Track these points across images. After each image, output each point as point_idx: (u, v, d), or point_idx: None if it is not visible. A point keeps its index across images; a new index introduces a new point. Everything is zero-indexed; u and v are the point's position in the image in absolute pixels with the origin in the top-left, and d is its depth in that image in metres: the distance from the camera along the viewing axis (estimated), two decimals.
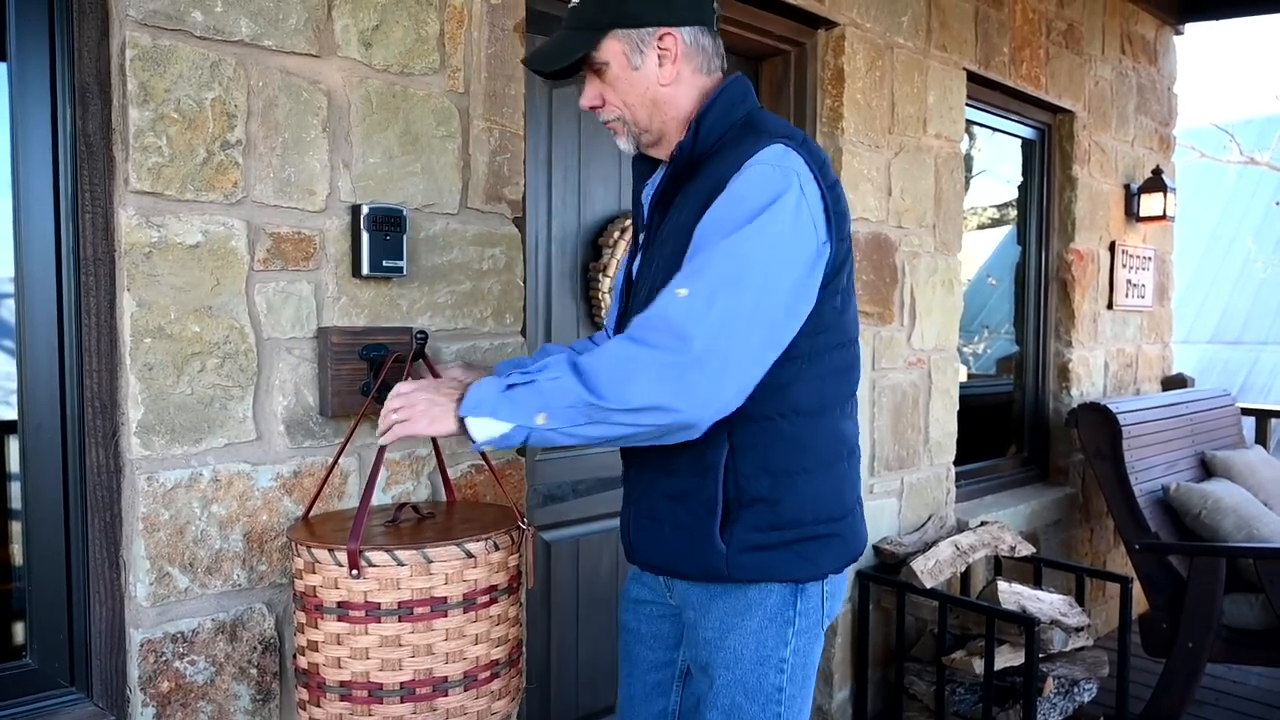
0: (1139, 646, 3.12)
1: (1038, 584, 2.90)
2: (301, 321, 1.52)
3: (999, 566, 2.97)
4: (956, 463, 3.06)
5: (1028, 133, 3.57)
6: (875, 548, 2.70)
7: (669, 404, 1.09)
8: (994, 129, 3.44)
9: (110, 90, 1.35)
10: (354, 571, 1.26)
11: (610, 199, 2.22)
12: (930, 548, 2.66)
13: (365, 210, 1.55)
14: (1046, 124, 3.60)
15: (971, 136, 3.41)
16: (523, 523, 1.41)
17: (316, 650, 1.30)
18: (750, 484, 1.22)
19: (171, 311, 1.38)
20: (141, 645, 1.37)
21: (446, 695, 1.29)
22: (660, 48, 1.25)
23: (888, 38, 2.65)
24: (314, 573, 1.29)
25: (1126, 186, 3.90)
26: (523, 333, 1.83)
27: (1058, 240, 3.67)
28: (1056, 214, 3.66)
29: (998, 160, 3.63)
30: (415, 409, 1.21)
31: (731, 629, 1.26)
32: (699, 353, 1.08)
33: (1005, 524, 2.99)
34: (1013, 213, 3.70)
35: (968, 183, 3.45)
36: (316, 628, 1.29)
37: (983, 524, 2.92)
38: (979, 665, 2.48)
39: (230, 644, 1.46)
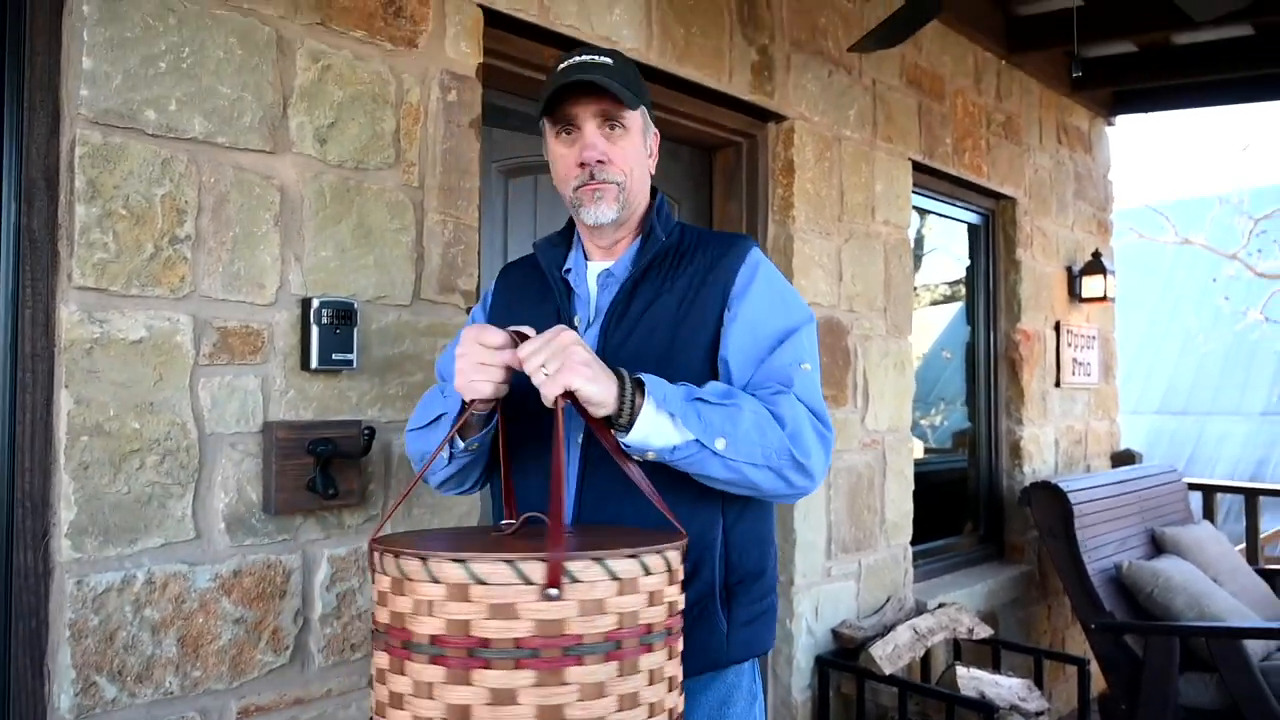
0: None
1: (996, 666, 2.88)
2: (247, 416, 1.50)
3: (958, 648, 2.95)
4: (913, 540, 3.06)
5: (973, 218, 3.70)
6: (834, 632, 2.67)
7: (820, 473, 1.18)
8: (941, 215, 3.57)
9: (58, 186, 1.35)
10: (552, 590, 0.89)
11: None
12: (889, 631, 2.64)
13: (315, 303, 1.54)
14: (990, 210, 3.74)
15: (922, 216, 3.52)
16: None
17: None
18: (744, 558, 1.24)
19: (111, 408, 1.35)
20: None
21: None
22: (652, 134, 1.36)
23: (835, 130, 2.75)
24: (468, 600, 0.90)
25: (1069, 269, 4.05)
26: None
27: (1005, 320, 3.77)
28: (1003, 295, 3.78)
29: (948, 238, 3.75)
30: (569, 357, 1.01)
31: None
32: (828, 433, 1.21)
33: (963, 605, 2.99)
34: (964, 289, 3.81)
35: (919, 260, 3.56)
36: (469, 683, 0.89)
37: (941, 605, 2.91)
38: None
39: None
